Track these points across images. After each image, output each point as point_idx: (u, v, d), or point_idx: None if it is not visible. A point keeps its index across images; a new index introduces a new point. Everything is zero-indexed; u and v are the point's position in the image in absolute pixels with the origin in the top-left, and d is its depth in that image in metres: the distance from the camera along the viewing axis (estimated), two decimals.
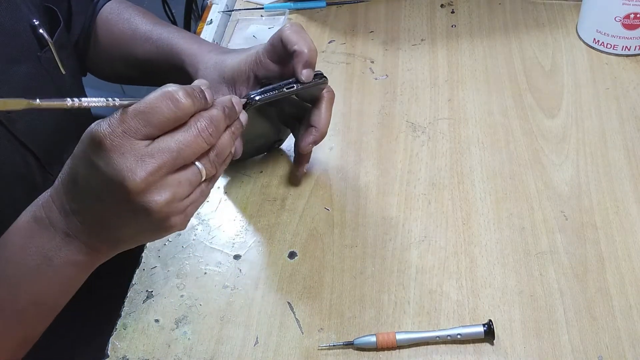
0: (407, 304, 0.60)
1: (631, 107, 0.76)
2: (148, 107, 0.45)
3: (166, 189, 0.46)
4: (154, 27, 0.77)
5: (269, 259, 0.65)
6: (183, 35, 0.74)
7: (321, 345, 0.58)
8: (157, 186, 0.46)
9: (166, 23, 0.79)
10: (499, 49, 0.85)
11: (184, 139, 0.46)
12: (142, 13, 0.81)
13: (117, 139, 0.44)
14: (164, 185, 0.46)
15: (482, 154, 0.72)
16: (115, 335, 0.61)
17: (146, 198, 0.46)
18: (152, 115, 0.45)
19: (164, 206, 0.46)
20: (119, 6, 0.82)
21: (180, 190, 0.47)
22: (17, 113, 0.63)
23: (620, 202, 0.66)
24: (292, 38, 0.61)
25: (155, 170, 0.45)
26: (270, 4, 0.96)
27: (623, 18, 0.80)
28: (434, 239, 0.65)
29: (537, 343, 0.56)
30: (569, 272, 0.61)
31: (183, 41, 0.72)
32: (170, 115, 0.45)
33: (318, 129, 0.65)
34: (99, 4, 0.82)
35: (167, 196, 0.46)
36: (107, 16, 0.81)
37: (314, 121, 0.65)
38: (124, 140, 0.44)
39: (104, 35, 0.80)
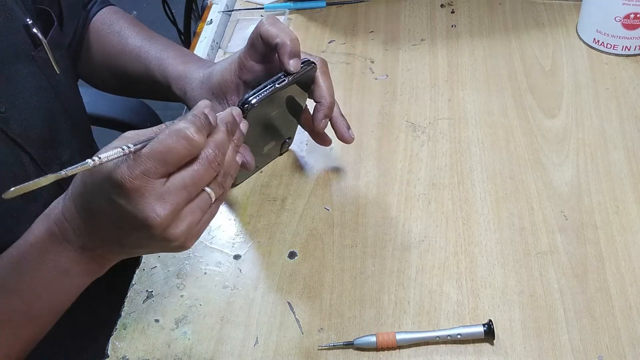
0: (407, 304, 0.60)
1: (631, 107, 0.76)
2: (164, 148, 0.46)
3: (184, 221, 0.48)
4: (143, 42, 0.77)
5: (269, 259, 0.65)
6: (171, 53, 0.74)
7: (321, 345, 0.58)
8: (176, 219, 0.48)
9: (156, 37, 0.79)
10: (499, 49, 0.85)
11: (197, 173, 0.48)
12: (133, 25, 0.81)
13: (136, 181, 0.46)
14: (181, 218, 0.48)
15: (482, 154, 0.72)
16: (115, 335, 0.61)
17: (167, 232, 0.48)
18: (168, 155, 0.46)
19: (181, 236, 0.49)
20: (110, 17, 0.82)
21: (195, 219, 0.49)
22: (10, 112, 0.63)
23: (620, 202, 0.66)
24: (271, 32, 0.61)
25: (175, 207, 0.47)
26: (270, 4, 0.96)
27: (623, 18, 0.80)
28: (434, 239, 0.65)
29: (537, 343, 0.56)
30: (569, 272, 0.61)
31: (170, 61, 0.72)
32: (185, 153, 0.47)
33: (324, 102, 0.64)
34: (91, 11, 0.82)
35: (185, 227, 0.49)
36: (99, 26, 0.81)
37: (317, 97, 0.65)
38: (143, 182, 0.46)
39: (95, 45, 0.81)
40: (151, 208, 0.47)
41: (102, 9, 0.82)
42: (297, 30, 0.92)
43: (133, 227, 0.48)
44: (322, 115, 0.65)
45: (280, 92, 0.61)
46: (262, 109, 0.61)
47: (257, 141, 0.67)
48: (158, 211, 0.47)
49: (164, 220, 0.47)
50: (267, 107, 0.62)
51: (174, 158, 0.47)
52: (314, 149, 0.75)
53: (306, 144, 0.76)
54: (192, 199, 0.49)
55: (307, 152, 0.75)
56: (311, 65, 0.62)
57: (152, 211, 0.47)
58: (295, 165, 0.74)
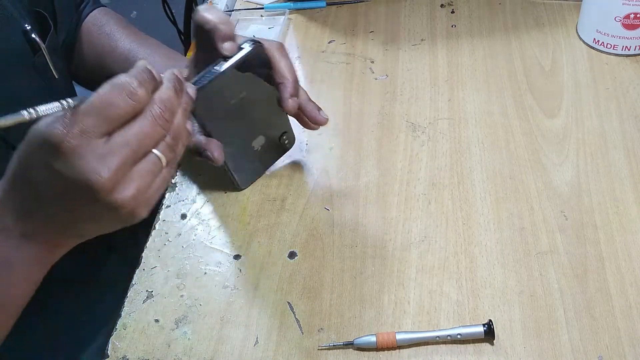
0: (407, 304, 0.60)
1: (631, 107, 0.76)
2: (103, 102, 0.43)
3: (131, 184, 0.45)
4: (132, 45, 0.77)
5: (269, 259, 0.65)
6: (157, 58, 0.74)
7: (321, 345, 0.58)
8: (122, 182, 0.45)
9: (145, 39, 0.79)
10: (499, 49, 0.85)
11: (142, 130, 0.45)
12: (123, 27, 0.81)
13: (74, 140, 0.43)
14: (128, 181, 0.45)
15: (482, 154, 0.72)
16: (115, 335, 0.61)
17: (113, 196, 0.44)
18: (108, 110, 0.43)
19: (130, 200, 0.45)
20: (101, 18, 0.82)
21: (144, 183, 0.46)
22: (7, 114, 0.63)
23: (620, 202, 0.66)
24: (204, 18, 0.59)
25: (119, 167, 0.44)
26: (270, 4, 0.96)
27: (623, 18, 0.80)
28: (434, 239, 0.65)
29: (537, 343, 0.56)
30: (569, 272, 0.61)
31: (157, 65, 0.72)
32: (127, 108, 0.44)
33: (285, 82, 0.63)
34: (84, 12, 0.82)
35: (133, 191, 0.45)
36: (90, 28, 0.81)
37: (277, 78, 0.63)
38: (82, 141, 0.43)
39: (86, 47, 0.80)
40: (92, 168, 0.43)
41: (94, 10, 0.82)
42: (297, 30, 0.92)
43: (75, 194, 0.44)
44: (286, 94, 0.62)
45: (229, 79, 0.59)
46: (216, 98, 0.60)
47: (237, 136, 0.67)
48: (100, 171, 0.43)
49: (108, 181, 0.43)
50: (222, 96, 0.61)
51: (114, 113, 0.43)
52: (314, 149, 0.75)
53: (306, 144, 0.76)
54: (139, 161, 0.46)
55: (307, 152, 0.75)
56: (254, 45, 0.60)
57: (94, 172, 0.43)
58: (295, 165, 0.74)
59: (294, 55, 0.88)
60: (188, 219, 0.70)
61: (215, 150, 0.62)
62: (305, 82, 0.84)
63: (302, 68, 0.86)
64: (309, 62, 0.87)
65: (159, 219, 0.70)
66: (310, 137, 0.76)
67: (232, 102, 0.63)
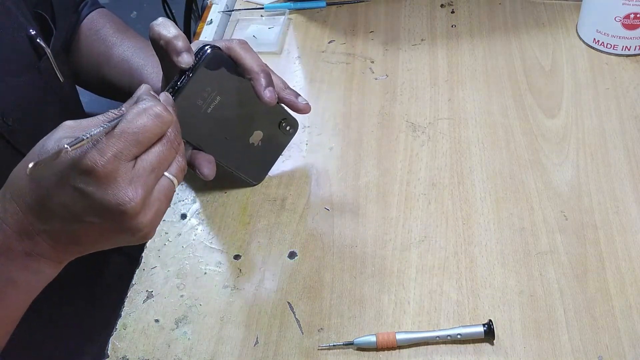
0: (407, 304, 0.60)
1: (631, 107, 0.76)
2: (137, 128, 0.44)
3: (151, 208, 0.46)
4: (127, 53, 0.77)
5: (269, 259, 0.65)
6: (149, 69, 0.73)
7: (321, 345, 0.58)
8: (145, 207, 0.46)
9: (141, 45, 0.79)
10: (499, 49, 0.85)
11: (162, 153, 0.46)
12: (119, 31, 0.81)
13: (109, 165, 0.43)
14: (149, 205, 0.46)
15: (482, 154, 0.72)
16: (115, 335, 0.61)
17: (138, 219, 0.46)
18: (141, 135, 0.44)
19: (149, 224, 0.47)
20: (98, 22, 0.82)
21: (161, 207, 0.47)
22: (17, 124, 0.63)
23: (620, 202, 0.66)
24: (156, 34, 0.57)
25: (146, 191, 0.45)
26: (270, 4, 0.96)
27: (623, 18, 0.80)
28: (434, 239, 0.65)
29: (537, 343, 0.56)
30: (569, 272, 0.61)
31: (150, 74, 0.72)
32: (157, 132, 0.45)
33: (254, 75, 0.61)
34: (82, 13, 0.82)
35: (152, 214, 0.46)
36: (86, 32, 0.81)
37: (247, 73, 0.61)
38: (115, 166, 0.44)
39: (83, 50, 0.81)
40: (124, 193, 0.44)
41: (91, 12, 0.82)
42: (297, 30, 0.92)
43: (100, 217, 0.45)
44: (260, 88, 0.61)
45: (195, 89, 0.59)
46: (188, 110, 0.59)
47: (229, 140, 0.66)
48: (131, 195, 0.44)
49: (137, 206, 0.45)
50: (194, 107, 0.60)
51: (146, 138, 0.45)
52: (314, 149, 0.75)
53: (306, 144, 0.76)
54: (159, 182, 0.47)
55: (307, 152, 0.75)
56: (209, 51, 0.59)
57: (126, 195, 0.44)
58: (295, 165, 0.74)
59: (294, 55, 0.88)
60: (188, 219, 0.70)
61: (205, 167, 0.62)
62: (305, 82, 0.84)
63: (302, 68, 0.86)
64: (309, 62, 0.87)
65: None
66: (310, 137, 0.76)
67: (208, 110, 0.61)
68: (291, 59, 0.88)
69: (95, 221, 0.46)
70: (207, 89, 0.61)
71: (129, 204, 0.44)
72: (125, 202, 0.44)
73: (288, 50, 0.89)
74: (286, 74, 0.85)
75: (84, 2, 0.83)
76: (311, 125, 0.77)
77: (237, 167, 0.69)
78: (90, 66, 0.80)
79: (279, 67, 0.86)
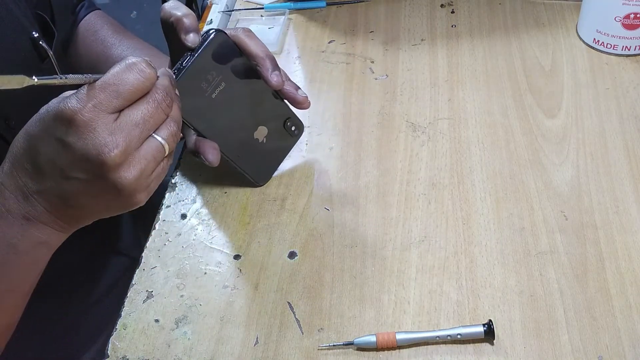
0: (407, 304, 0.60)
1: (631, 107, 0.76)
2: (117, 79, 0.45)
3: (135, 165, 0.47)
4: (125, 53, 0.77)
5: (269, 259, 0.65)
6: None
7: (321, 345, 0.58)
8: (127, 162, 0.46)
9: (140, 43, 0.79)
10: (499, 49, 0.85)
11: (148, 111, 0.47)
12: (116, 32, 0.81)
13: (88, 114, 0.44)
14: (133, 161, 0.47)
15: (482, 154, 0.72)
16: (115, 335, 0.61)
17: (118, 174, 0.46)
18: (121, 86, 0.45)
19: (132, 182, 0.47)
20: (95, 23, 0.82)
21: (147, 166, 0.48)
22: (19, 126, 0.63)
23: (620, 202, 0.66)
24: (167, 13, 0.59)
25: (127, 144, 0.46)
26: (270, 4, 0.96)
27: (623, 18, 0.80)
28: (434, 239, 0.65)
29: (537, 343, 0.56)
30: (569, 272, 0.61)
31: None
32: (138, 85, 0.46)
33: (260, 61, 0.61)
34: (79, 15, 0.82)
35: (136, 172, 0.47)
36: (84, 33, 0.81)
37: (253, 59, 0.62)
38: (95, 115, 0.44)
39: (81, 51, 0.81)
40: (103, 143, 0.45)
41: (89, 14, 0.83)
42: (297, 30, 0.92)
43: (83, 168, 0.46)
44: (267, 72, 0.61)
45: (199, 70, 0.59)
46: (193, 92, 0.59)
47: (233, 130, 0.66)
48: (111, 145, 0.45)
49: (117, 157, 0.45)
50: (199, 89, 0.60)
51: (127, 91, 0.46)
52: (314, 149, 0.75)
53: (306, 144, 0.76)
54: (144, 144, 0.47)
55: (307, 152, 0.75)
56: (214, 33, 0.60)
57: (105, 145, 0.45)
58: (295, 165, 0.74)
59: (294, 55, 0.88)
60: (188, 219, 0.70)
61: (209, 152, 0.62)
62: (305, 82, 0.84)
63: (302, 68, 0.86)
64: (309, 62, 0.87)
65: (159, 219, 0.70)
66: (310, 137, 0.76)
67: (213, 95, 0.62)
68: (291, 59, 0.88)
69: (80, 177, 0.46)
70: (212, 73, 0.61)
71: (108, 154, 0.45)
72: (104, 151, 0.45)
73: (288, 50, 0.89)
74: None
75: (81, 4, 0.83)
76: (311, 125, 0.77)
77: (241, 162, 0.68)
78: (89, 67, 0.80)
79: None
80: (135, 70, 0.46)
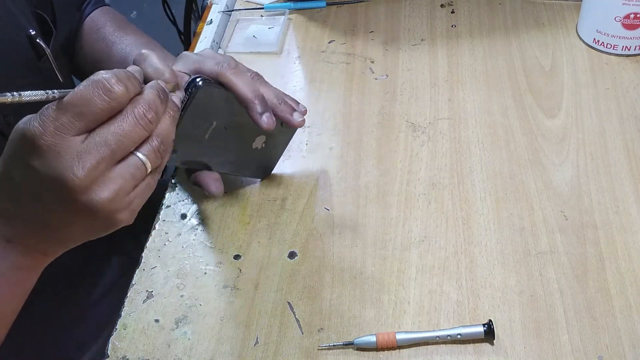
0: (407, 304, 0.60)
1: (631, 107, 0.76)
2: (79, 99, 0.42)
3: (108, 185, 0.44)
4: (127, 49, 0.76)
5: (269, 259, 0.65)
6: None
7: (321, 345, 0.58)
8: (99, 182, 0.44)
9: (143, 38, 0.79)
10: (499, 49, 0.85)
11: (122, 129, 0.44)
12: (119, 29, 0.80)
13: (50, 138, 0.42)
14: (105, 181, 0.44)
15: (482, 154, 0.72)
16: (115, 335, 0.61)
17: (89, 196, 0.43)
18: (84, 107, 0.42)
19: (108, 203, 0.44)
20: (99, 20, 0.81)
21: (124, 185, 0.45)
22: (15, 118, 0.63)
23: (620, 202, 0.66)
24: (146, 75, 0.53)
25: (94, 166, 0.43)
26: (270, 4, 0.96)
27: (623, 18, 0.80)
28: (434, 239, 0.65)
29: (537, 343, 0.56)
30: (569, 272, 0.61)
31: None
32: (103, 106, 0.43)
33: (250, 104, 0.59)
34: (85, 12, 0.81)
35: (110, 193, 0.44)
36: (88, 31, 0.81)
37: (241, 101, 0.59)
38: (58, 139, 0.42)
39: (85, 49, 0.81)
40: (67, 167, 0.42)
41: (94, 11, 0.82)
42: (297, 30, 0.92)
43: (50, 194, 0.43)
44: (256, 115, 0.59)
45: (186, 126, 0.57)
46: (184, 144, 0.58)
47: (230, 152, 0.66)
48: (75, 170, 0.42)
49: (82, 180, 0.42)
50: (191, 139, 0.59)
51: (90, 110, 0.42)
52: (314, 149, 0.75)
53: (306, 144, 0.76)
54: (121, 162, 0.45)
55: (307, 152, 0.75)
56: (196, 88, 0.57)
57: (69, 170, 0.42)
58: (295, 165, 0.74)
59: (294, 55, 0.88)
60: (188, 219, 0.70)
61: (212, 185, 0.62)
62: (305, 82, 0.84)
63: (302, 68, 0.86)
64: (309, 62, 0.87)
65: (159, 219, 0.70)
66: (310, 137, 0.76)
67: (206, 136, 0.61)
68: (291, 59, 0.88)
69: (51, 200, 0.44)
70: (202, 121, 0.60)
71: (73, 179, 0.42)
72: (68, 177, 0.42)
73: (288, 50, 0.89)
74: (286, 74, 0.85)
75: (87, 1, 0.83)
76: (311, 125, 0.77)
77: (243, 172, 0.69)
78: (92, 65, 0.80)
79: (279, 67, 0.87)
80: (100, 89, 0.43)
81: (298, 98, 0.81)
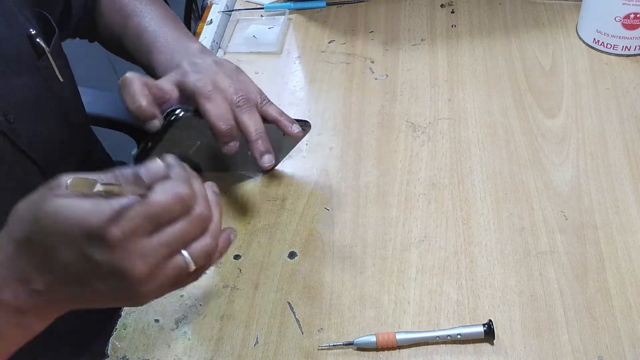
0: (407, 304, 0.60)
1: (631, 107, 0.76)
2: (161, 210, 0.43)
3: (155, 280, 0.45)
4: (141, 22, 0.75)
5: (269, 259, 0.65)
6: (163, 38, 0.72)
7: (321, 345, 0.58)
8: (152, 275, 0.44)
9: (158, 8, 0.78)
10: (499, 49, 0.85)
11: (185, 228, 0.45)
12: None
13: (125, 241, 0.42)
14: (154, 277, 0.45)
15: (482, 154, 0.72)
16: (115, 335, 0.61)
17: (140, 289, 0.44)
18: (163, 217, 0.44)
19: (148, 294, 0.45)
20: None
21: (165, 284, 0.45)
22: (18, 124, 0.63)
23: (620, 202, 0.66)
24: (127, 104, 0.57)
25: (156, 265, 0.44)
26: (270, 4, 0.96)
27: (623, 18, 0.80)
28: (434, 239, 0.65)
29: (537, 343, 0.56)
30: (569, 272, 0.61)
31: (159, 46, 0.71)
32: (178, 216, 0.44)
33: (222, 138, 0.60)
34: None
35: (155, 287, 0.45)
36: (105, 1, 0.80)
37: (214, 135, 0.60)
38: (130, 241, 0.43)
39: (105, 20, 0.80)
40: (133, 263, 0.43)
41: None
42: (297, 30, 0.92)
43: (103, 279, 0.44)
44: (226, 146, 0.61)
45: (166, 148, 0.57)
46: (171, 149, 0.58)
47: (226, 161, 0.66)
48: (139, 267, 0.43)
49: (144, 276, 0.44)
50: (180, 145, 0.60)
51: (167, 220, 0.44)
52: (314, 149, 0.75)
53: (306, 144, 0.76)
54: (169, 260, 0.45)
55: (307, 152, 0.75)
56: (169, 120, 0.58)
57: (133, 266, 0.43)
58: (295, 165, 0.74)
59: (294, 55, 0.88)
60: None
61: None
62: (305, 82, 0.84)
63: (302, 68, 0.86)
64: (309, 62, 0.87)
65: None
66: (310, 137, 0.76)
67: (190, 152, 0.62)
68: (291, 59, 0.88)
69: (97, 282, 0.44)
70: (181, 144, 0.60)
71: (135, 276, 0.43)
72: (130, 272, 0.43)
73: (288, 50, 0.89)
74: (286, 74, 0.85)
75: None
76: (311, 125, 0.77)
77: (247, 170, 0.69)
78: (110, 37, 0.80)
79: (279, 67, 0.87)
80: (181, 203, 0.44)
81: (298, 98, 0.81)
